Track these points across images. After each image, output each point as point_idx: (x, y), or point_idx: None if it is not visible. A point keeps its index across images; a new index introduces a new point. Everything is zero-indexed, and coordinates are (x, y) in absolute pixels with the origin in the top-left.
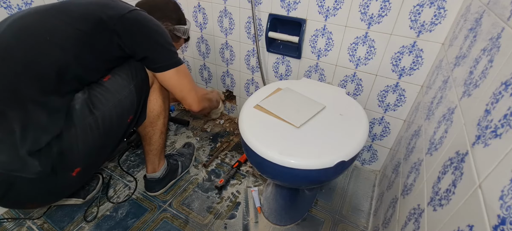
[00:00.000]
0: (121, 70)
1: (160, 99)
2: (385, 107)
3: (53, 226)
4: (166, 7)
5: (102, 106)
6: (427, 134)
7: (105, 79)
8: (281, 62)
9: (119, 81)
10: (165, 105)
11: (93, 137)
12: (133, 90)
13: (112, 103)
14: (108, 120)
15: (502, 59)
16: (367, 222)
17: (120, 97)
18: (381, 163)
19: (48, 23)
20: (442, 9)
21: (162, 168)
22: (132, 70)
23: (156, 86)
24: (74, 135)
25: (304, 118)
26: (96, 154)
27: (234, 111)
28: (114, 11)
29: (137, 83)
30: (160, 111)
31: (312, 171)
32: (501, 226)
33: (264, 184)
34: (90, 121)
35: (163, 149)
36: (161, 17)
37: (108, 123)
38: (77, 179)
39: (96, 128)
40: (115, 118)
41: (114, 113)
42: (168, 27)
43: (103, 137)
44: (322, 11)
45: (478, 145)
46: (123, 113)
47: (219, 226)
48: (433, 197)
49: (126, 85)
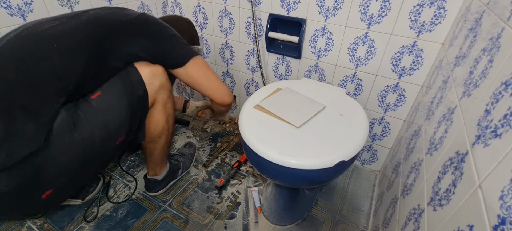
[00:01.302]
0: (114, 86)
1: (163, 119)
2: (385, 107)
3: (53, 226)
4: (181, 27)
5: (83, 127)
6: (427, 134)
7: (93, 96)
8: (281, 62)
9: (108, 100)
10: (168, 124)
11: (69, 159)
12: (124, 111)
13: (95, 124)
14: (89, 142)
15: (502, 59)
16: (367, 222)
17: (106, 119)
18: (381, 163)
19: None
20: (442, 9)
21: (163, 172)
22: (128, 88)
23: (159, 105)
24: (49, 154)
25: (304, 118)
26: (71, 177)
27: (234, 112)
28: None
29: (132, 102)
30: (162, 131)
31: (312, 171)
32: (501, 226)
33: (264, 184)
34: (68, 141)
35: (165, 157)
36: None
37: (88, 145)
38: (47, 202)
39: (74, 150)
40: (98, 140)
41: (96, 136)
42: None
43: (81, 160)
44: (322, 11)
45: (478, 145)
46: (109, 136)
47: (219, 226)
48: (433, 197)
49: (115, 105)
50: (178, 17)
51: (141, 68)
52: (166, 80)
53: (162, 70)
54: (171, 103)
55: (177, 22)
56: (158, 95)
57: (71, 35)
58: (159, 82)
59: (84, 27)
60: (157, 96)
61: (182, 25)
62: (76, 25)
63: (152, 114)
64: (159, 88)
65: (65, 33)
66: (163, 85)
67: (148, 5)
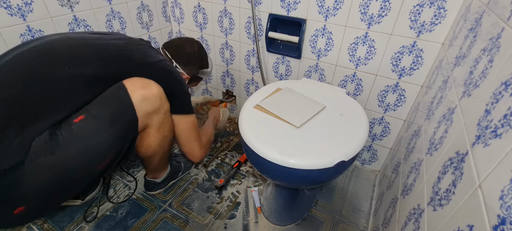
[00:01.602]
0: (100, 112)
1: (155, 142)
2: (385, 107)
3: (53, 226)
4: (192, 52)
5: (60, 151)
6: (427, 134)
7: (76, 119)
8: (281, 62)
9: (91, 125)
10: (161, 146)
11: (43, 181)
12: (108, 137)
13: (74, 150)
14: (64, 167)
15: (502, 59)
16: (367, 222)
17: (87, 146)
18: (381, 163)
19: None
20: (442, 9)
21: (163, 176)
22: (116, 114)
23: (151, 129)
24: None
25: (304, 118)
26: (45, 198)
27: (234, 112)
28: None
29: (118, 129)
30: (155, 152)
31: (312, 171)
32: (501, 226)
33: (264, 184)
34: (43, 163)
35: (164, 165)
36: (187, 64)
37: (63, 170)
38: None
39: (48, 172)
40: (76, 166)
41: (74, 161)
42: (192, 71)
43: (56, 183)
44: (322, 11)
45: (478, 145)
46: (89, 162)
47: (219, 226)
48: (433, 197)
49: (99, 131)
50: (189, 41)
51: (133, 90)
52: (161, 102)
53: (157, 91)
54: (167, 124)
55: (186, 45)
56: (150, 119)
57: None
58: (152, 107)
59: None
60: (150, 121)
61: (191, 49)
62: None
63: (144, 137)
64: (152, 113)
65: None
66: (156, 109)
67: (148, 5)
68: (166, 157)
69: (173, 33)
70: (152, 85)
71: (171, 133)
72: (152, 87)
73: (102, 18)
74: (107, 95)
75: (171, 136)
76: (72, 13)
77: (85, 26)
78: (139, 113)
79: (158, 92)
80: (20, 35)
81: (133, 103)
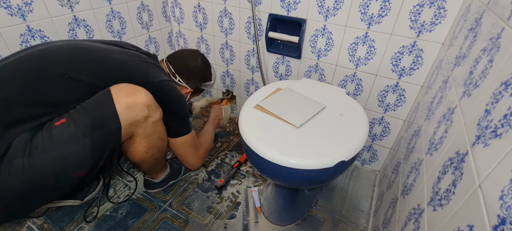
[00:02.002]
0: (82, 118)
1: (142, 150)
2: (385, 107)
3: (53, 226)
4: (195, 66)
5: (36, 154)
6: (427, 134)
7: (57, 122)
8: (281, 62)
9: (71, 131)
10: (149, 154)
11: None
12: (86, 145)
13: (50, 156)
14: (40, 171)
15: (502, 59)
16: (367, 222)
17: (64, 153)
18: (381, 163)
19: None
20: (442, 9)
21: (162, 176)
22: (99, 119)
23: (138, 138)
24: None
25: (304, 118)
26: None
27: (234, 111)
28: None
29: (99, 136)
30: (141, 159)
31: (312, 171)
32: (501, 226)
33: (264, 184)
34: (18, 164)
35: (160, 167)
36: (190, 78)
37: (39, 174)
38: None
39: (22, 174)
40: (51, 171)
41: (50, 167)
42: (194, 84)
43: (30, 186)
44: (322, 11)
45: (478, 145)
46: (65, 170)
47: (219, 226)
48: (433, 197)
49: (78, 137)
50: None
51: (118, 98)
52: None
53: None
54: (156, 133)
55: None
56: (136, 128)
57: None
58: (137, 116)
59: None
60: (135, 129)
61: (195, 63)
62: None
63: (130, 144)
64: (137, 122)
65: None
66: (143, 117)
67: (148, 5)
68: (160, 163)
69: (173, 33)
70: (139, 93)
71: (162, 142)
72: (139, 95)
73: (102, 18)
74: (92, 101)
75: (161, 144)
76: (72, 13)
77: (85, 26)
78: (123, 122)
79: (146, 101)
80: (20, 35)
81: (117, 110)
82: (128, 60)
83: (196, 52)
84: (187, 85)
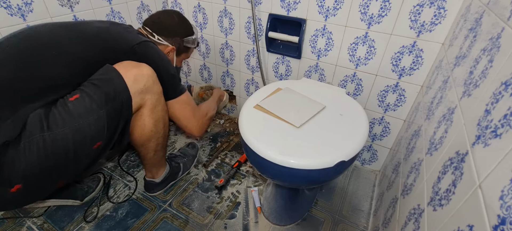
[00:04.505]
0: (95, 92)
1: (150, 123)
2: (385, 107)
3: (53, 226)
4: (172, 23)
5: (56, 128)
6: (427, 134)
7: (71, 98)
8: (281, 62)
9: (86, 104)
10: (157, 128)
11: (39, 157)
12: (103, 116)
13: (69, 128)
14: (61, 144)
15: (502, 59)
16: (367, 222)
17: (82, 124)
18: (381, 163)
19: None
20: (442, 9)
21: (161, 175)
22: (111, 91)
23: (145, 109)
24: (18, 149)
25: (304, 118)
26: (42, 176)
27: (234, 111)
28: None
29: (113, 107)
30: (150, 135)
31: (312, 171)
32: (501, 226)
33: (264, 184)
34: (38, 139)
35: (161, 160)
36: (169, 35)
37: (60, 147)
38: (18, 196)
39: (44, 149)
40: (72, 143)
41: (70, 139)
42: (177, 42)
43: (52, 160)
44: (322, 11)
45: (478, 145)
46: (85, 140)
47: (219, 226)
48: (433, 197)
49: (94, 109)
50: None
51: (125, 72)
52: (153, 81)
53: (148, 71)
54: (161, 106)
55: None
56: (144, 99)
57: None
58: (144, 86)
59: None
60: (143, 101)
61: (171, 20)
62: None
63: (138, 118)
64: (145, 93)
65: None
66: (149, 88)
67: (148, 5)
68: (162, 149)
69: None
70: (143, 66)
71: (166, 117)
72: (143, 68)
73: (102, 18)
74: (99, 77)
75: (165, 119)
76: (72, 13)
77: None
78: (132, 93)
79: (150, 73)
80: None
81: (126, 83)
82: (109, 27)
83: (171, 10)
84: (168, 43)
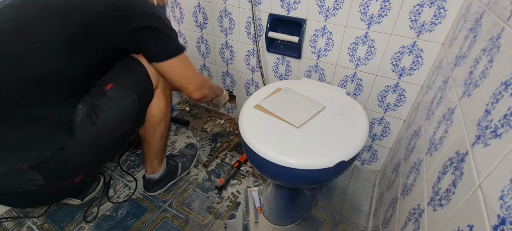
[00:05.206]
0: (124, 77)
1: (163, 103)
2: (385, 107)
3: (53, 226)
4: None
5: (104, 115)
6: (427, 134)
7: (107, 87)
8: (281, 62)
9: (122, 90)
10: (167, 110)
11: (96, 147)
12: (136, 100)
13: (114, 112)
14: (110, 129)
15: (502, 59)
16: (367, 222)
17: (123, 107)
18: (381, 163)
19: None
20: (442, 9)
21: (161, 169)
22: (134, 78)
23: (159, 90)
24: (76, 147)
25: (304, 118)
26: (97, 161)
27: (234, 111)
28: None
29: (141, 92)
30: (162, 116)
31: (312, 171)
32: (501, 226)
33: (264, 184)
34: (93, 131)
35: (163, 151)
36: None
37: (109, 132)
38: (79, 184)
39: (98, 138)
40: (116, 126)
41: (117, 122)
42: None
43: (104, 146)
44: (322, 11)
45: (478, 145)
46: (126, 122)
47: (219, 226)
48: (433, 197)
49: (129, 93)
50: None
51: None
52: None
53: None
54: (169, 89)
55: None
56: (158, 82)
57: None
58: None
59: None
60: (158, 82)
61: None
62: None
63: (153, 100)
64: (158, 74)
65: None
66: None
67: None
68: (166, 139)
69: None
70: None
71: (171, 103)
72: None
73: None
74: (121, 67)
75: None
76: None
77: None
78: (151, 77)
79: None
80: None
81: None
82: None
83: None
84: None
